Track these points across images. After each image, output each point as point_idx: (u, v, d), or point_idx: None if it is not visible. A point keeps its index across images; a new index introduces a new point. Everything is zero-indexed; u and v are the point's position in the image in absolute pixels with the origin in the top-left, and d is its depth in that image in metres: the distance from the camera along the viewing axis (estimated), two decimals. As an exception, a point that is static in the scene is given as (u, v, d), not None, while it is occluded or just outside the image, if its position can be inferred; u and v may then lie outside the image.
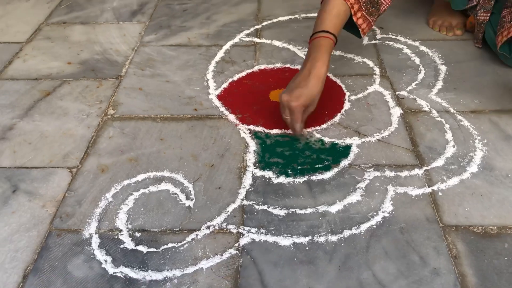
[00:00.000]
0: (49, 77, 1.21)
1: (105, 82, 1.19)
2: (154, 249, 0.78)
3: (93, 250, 0.78)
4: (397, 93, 1.11)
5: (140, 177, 0.91)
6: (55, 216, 0.84)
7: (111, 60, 1.28)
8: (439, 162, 0.92)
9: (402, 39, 1.31)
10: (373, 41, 1.30)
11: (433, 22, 1.34)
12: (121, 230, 0.81)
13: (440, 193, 0.85)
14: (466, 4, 1.24)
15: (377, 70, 1.19)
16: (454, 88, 1.11)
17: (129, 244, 0.79)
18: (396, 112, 1.05)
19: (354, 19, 1.02)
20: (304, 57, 1.24)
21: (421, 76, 1.16)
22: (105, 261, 0.76)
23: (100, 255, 0.77)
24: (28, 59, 1.29)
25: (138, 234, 0.80)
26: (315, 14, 1.43)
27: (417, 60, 1.22)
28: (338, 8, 0.99)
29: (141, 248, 0.78)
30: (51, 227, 0.82)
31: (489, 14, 1.19)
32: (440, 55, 1.23)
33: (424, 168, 0.91)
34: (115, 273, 0.74)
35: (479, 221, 0.80)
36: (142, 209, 0.85)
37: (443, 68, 1.18)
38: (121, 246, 0.79)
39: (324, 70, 0.93)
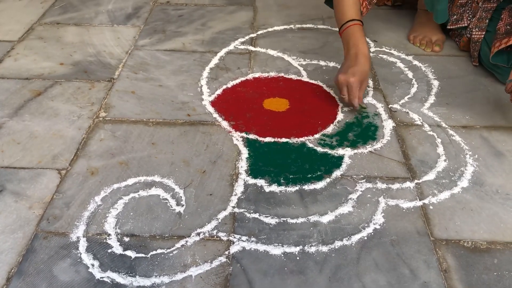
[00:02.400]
0: (40, 77, 1.20)
1: (98, 84, 1.18)
2: (143, 255, 0.77)
3: (80, 253, 0.76)
4: (390, 106, 1.11)
5: (130, 181, 0.90)
6: (42, 218, 0.82)
7: (104, 63, 1.27)
8: (431, 176, 0.92)
9: (395, 53, 1.32)
10: (367, 54, 1.31)
11: (414, 38, 1.37)
12: (109, 234, 0.80)
13: (431, 207, 0.86)
14: (447, 18, 1.26)
15: (370, 82, 1.20)
16: (446, 103, 1.12)
17: (117, 249, 0.77)
18: (389, 124, 1.05)
19: (361, 8, 1.14)
20: (298, 67, 1.26)
21: (413, 90, 1.17)
22: (92, 265, 0.75)
23: (87, 259, 0.76)
24: (19, 58, 1.27)
25: (126, 239, 0.79)
26: (310, 25, 1.46)
27: (410, 74, 1.23)
28: None
29: (129, 253, 0.77)
30: (37, 229, 0.80)
31: (484, 33, 1.20)
32: (432, 70, 1.24)
33: (416, 181, 0.91)
34: (102, 277, 0.73)
35: (469, 235, 0.80)
36: (131, 213, 0.84)
37: (435, 83, 1.19)
38: (109, 251, 0.77)
39: (368, 49, 1.05)
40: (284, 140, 1.00)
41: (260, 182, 0.90)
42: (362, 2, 1.15)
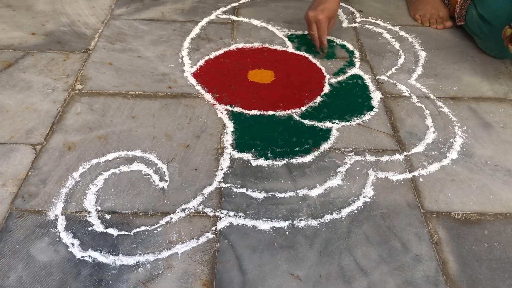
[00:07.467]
0: (10, 48, 1.13)
1: (73, 55, 1.11)
2: (126, 232, 0.73)
3: (59, 232, 0.73)
4: (377, 77, 1.09)
5: (110, 156, 0.86)
6: (16, 196, 0.78)
7: (79, 33, 1.20)
8: (420, 148, 0.90)
9: (381, 23, 1.29)
10: (353, 24, 1.28)
11: (421, 17, 1.30)
12: (89, 212, 0.76)
13: (421, 179, 0.84)
14: None
15: (357, 53, 1.17)
16: (434, 74, 1.10)
17: (98, 227, 0.74)
18: (376, 96, 1.03)
19: None
20: (283, 37, 1.21)
21: (401, 61, 1.14)
22: (72, 244, 0.71)
23: (66, 238, 0.72)
24: (-13, 28, 1.20)
25: (108, 216, 0.75)
26: (295, -6, 1.41)
27: (397, 45, 1.20)
28: None
29: (111, 231, 0.73)
30: (12, 208, 0.76)
31: None
32: (419, 41, 1.22)
33: (405, 153, 0.89)
34: (83, 257, 0.69)
35: (460, 207, 0.79)
36: (112, 190, 0.80)
37: (422, 54, 1.17)
38: (90, 229, 0.73)
39: None
40: (270, 113, 0.97)
41: (247, 156, 0.87)
42: None
